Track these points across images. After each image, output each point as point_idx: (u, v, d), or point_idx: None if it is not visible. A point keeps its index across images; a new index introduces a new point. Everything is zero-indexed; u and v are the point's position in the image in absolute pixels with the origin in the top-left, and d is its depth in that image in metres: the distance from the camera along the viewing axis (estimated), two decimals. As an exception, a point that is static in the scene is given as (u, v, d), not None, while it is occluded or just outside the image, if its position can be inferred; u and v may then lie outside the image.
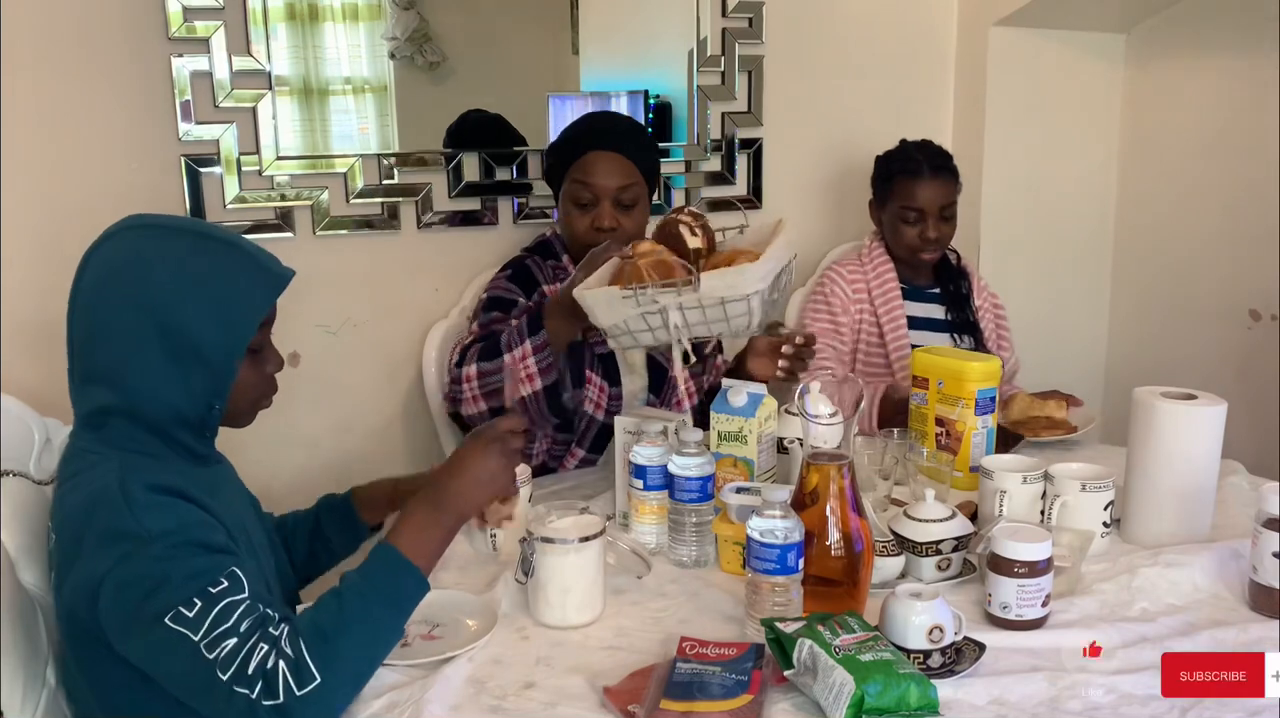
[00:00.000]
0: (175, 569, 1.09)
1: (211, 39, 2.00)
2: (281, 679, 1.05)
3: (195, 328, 1.18)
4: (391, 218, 2.21)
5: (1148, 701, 1.13)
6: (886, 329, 2.21)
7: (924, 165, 2.18)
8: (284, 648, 1.06)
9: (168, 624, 1.07)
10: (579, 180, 1.91)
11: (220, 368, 1.21)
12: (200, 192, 2.04)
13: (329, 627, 1.10)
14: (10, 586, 1.29)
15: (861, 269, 2.26)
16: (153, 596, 1.08)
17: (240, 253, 1.24)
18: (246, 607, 1.09)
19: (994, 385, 1.73)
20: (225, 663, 1.05)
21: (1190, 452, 1.50)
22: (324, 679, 1.06)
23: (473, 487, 1.24)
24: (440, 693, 1.15)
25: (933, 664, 1.17)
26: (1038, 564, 1.27)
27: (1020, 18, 2.57)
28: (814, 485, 1.28)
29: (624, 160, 1.92)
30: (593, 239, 1.90)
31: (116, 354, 1.18)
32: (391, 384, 2.26)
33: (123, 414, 1.19)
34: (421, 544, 1.19)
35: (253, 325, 1.23)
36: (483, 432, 1.28)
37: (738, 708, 1.09)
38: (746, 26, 2.46)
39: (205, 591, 1.08)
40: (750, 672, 1.15)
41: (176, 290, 1.18)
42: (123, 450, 1.19)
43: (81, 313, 1.21)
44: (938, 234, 2.19)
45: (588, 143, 1.93)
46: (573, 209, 1.94)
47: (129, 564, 1.10)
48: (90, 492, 1.15)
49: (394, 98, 2.22)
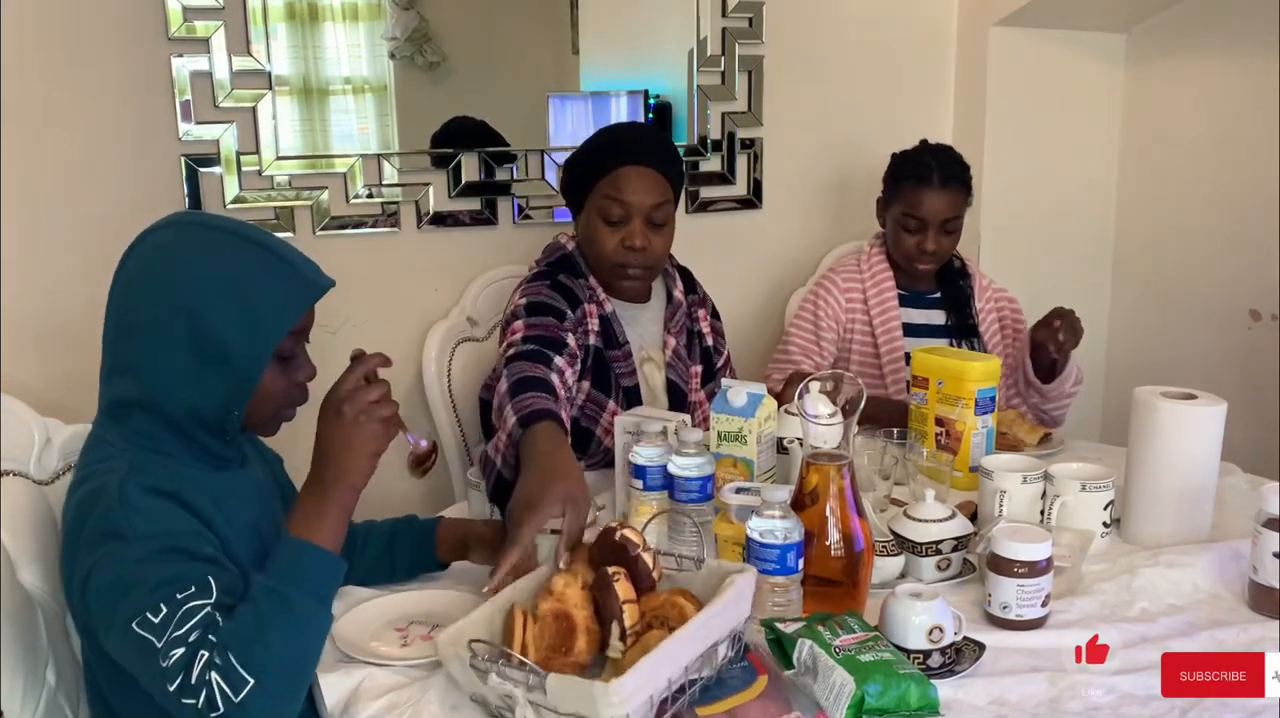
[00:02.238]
0: (150, 573, 1.08)
1: (211, 39, 2.00)
2: (218, 689, 1.03)
3: (222, 330, 1.17)
4: (391, 218, 2.21)
5: (1148, 701, 1.14)
6: (880, 337, 2.17)
7: (935, 174, 2.11)
8: (215, 658, 1.05)
9: (134, 628, 1.06)
10: (611, 196, 1.80)
11: (244, 372, 1.20)
12: (200, 192, 2.04)
13: (250, 628, 1.07)
14: (10, 586, 1.29)
15: (859, 275, 2.22)
16: (125, 598, 1.08)
17: (277, 258, 1.22)
18: (203, 615, 1.07)
19: (994, 385, 1.73)
20: (173, 674, 1.04)
21: (1190, 452, 1.50)
22: (257, 679, 1.04)
23: (346, 454, 1.18)
24: (440, 693, 1.15)
25: (933, 664, 1.17)
26: (1038, 564, 1.27)
27: (1020, 18, 2.57)
28: (814, 485, 1.28)
29: (658, 177, 1.83)
30: (621, 258, 1.82)
31: (143, 348, 1.19)
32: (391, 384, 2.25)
33: (144, 408, 1.20)
34: (319, 526, 1.15)
35: (281, 331, 1.21)
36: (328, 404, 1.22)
37: (765, 690, 1.10)
38: (746, 26, 2.46)
39: (173, 597, 1.07)
40: (746, 657, 1.16)
41: (207, 290, 1.17)
42: (138, 446, 1.19)
43: (116, 304, 1.22)
44: (936, 248, 2.13)
45: (621, 157, 1.82)
46: (601, 226, 1.82)
47: (110, 564, 1.10)
48: (94, 486, 1.16)
49: (394, 98, 2.22)
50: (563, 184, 1.95)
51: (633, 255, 1.82)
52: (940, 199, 2.11)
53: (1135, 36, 2.73)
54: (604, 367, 1.84)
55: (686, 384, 1.94)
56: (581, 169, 1.87)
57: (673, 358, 1.93)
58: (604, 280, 1.87)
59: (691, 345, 1.97)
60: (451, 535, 1.47)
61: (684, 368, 1.94)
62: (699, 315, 2.00)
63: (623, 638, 1.12)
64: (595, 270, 1.87)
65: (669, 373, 1.92)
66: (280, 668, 1.07)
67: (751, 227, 2.59)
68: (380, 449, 1.20)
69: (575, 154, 1.92)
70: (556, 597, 1.14)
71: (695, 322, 1.99)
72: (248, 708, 1.03)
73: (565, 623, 1.12)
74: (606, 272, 1.85)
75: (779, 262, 2.62)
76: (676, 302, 1.95)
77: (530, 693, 1.03)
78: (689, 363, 1.96)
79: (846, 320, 2.20)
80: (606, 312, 1.85)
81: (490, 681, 1.05)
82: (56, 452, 1.42)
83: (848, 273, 2.23)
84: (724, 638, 1.13)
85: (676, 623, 1.10)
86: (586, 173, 1.85)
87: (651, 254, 1.84)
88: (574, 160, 1.91)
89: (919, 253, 2.14)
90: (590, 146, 1.89)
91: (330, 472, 1.18)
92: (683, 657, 1.07)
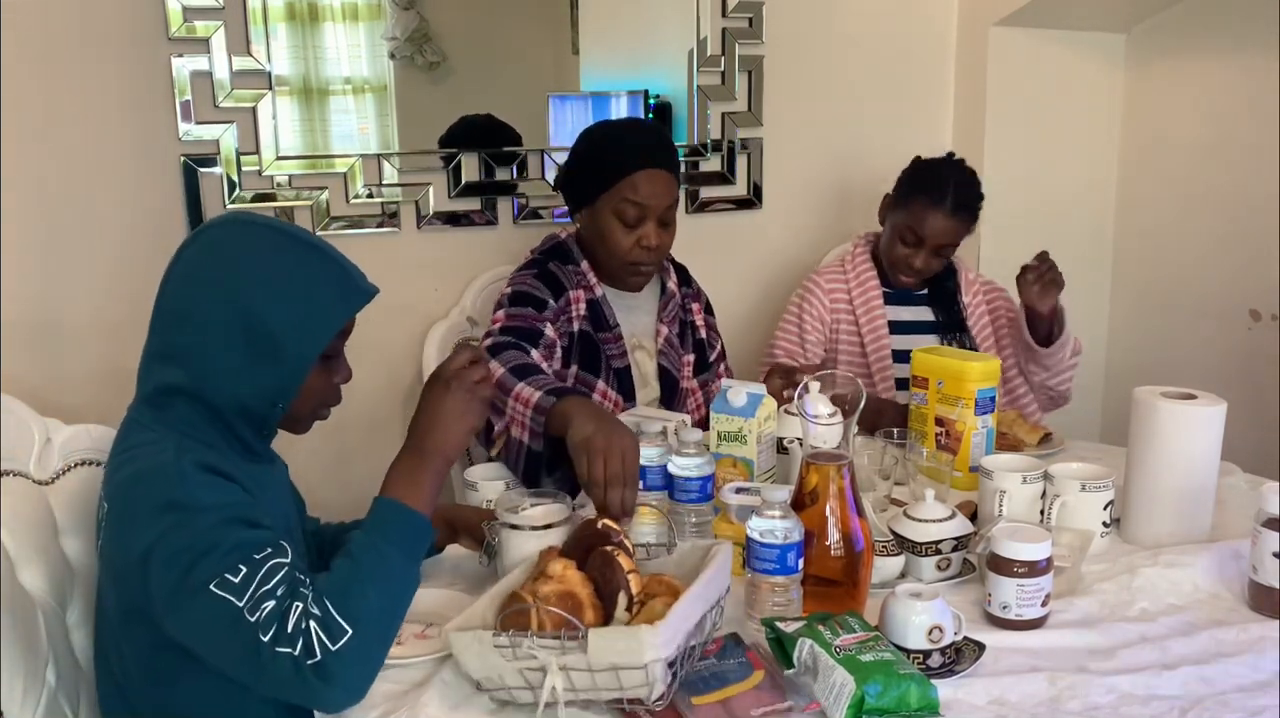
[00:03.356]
0: (224, 538, 1.12)
1: (211, 39, 2.00)
2: (315, 637, 1.07)
3: (277, 326, 1.21)
4: (391, 218, 2.21)
5: (1148, 701, 1.13)
6: (866, 336, 2.17)
7: (948, 198, 2.08)
8: (311, 608, 1.09)
9: (212, 591, 1.09)
10: (630, 199, 1.82)
11: (293, 368, 1.24)
12: (200, 191, 2.04)
13: (348, 580, 1.13)
14: (10, 585, 1.29)
15: (844, 275, 2.21)
16: (199, 563, 1.10)
17: (332, 262, 1.28)
18: (285, 573, 1.11)
19: (994, 385, 1.73)
20: (266, 625, 1.08)
21: (1190, 452, 1.50)
22: (355, 631, 1.09)
23: (448, 425, 1.25)
24: (438, 693, 1.15)
25: (933, 664, 1.17)
26: (1037, 564, 1.27)
27: (1020, 18, 2.57)
28: (814, 485, 1.28)
29: (670, 177, 1.87)
30: (638, 257, 1.86)
31: (196, 337, 1.22)
32: (391, 384, 2.26)
33: (188, 396, 1.22)
34: (415, 490, 1.21)
35: (331, 332, 1.26)
36: (439, 375, 1.29)
37: (760, 682, 1.12)
38: (746, 26, 2.46)
39: (250, 558, 1.11)
40: (745, 654, 1.18)
41: (266, 287, 1.22)
42: (179, 432, 1.22)
43: (172, 293, 1.25)
44: (924, 267, 2.13)
45: (638, 160, 1.83)
46: (617, 226, 1.84)
47: (179, 533, 1.13)
48: (145, 465, 1.18)
49: (394, 98, 2.22)
50: (567, 182, 1.95)
51: (647, 253, 1.86)
52: (946, 224, 2.10)
53: (1135, 37, 2.73)
54: (593, 350, 1.88)
55: (679, 372, 1.97)
56: (594, 169, 1.87)
57: (664, 346, 1.97)
58: (614, 275, 1.91)
59: (684, 335, 2.01)
60: (441, 521, 1.51)
61: (676, 356, 1.98)
62: (693, 308, 2.04)
63: (629, 608, 1.16)
64: (606, 266, 1.90)
65: (660, 359, 1.96)
66: (374, 620, 1.11)
67: (751, 227, 2.59)
68: (477, 425, 1.28)
69: (584, 154, 1.91)
70: (558, 579, 1.16)
71: (689, 313, 2.03)
72: (343, 657, 1.08)
73: (571, 602, 1.14)
74: (619, 268, 1.89)
75: (778, 262, 2.62)
76: (670, 292, 2.00)
77: (565, 657, 1.06)
78: (681, 352, 1.99)
79: (831, 321, 2.20)
80: (596, 295, 1.90)
81: (520, 654, 1.08)
82: (56, 452, 1.42)
83: (832, 274, 2.23)
84: (713, 606, 1.19)
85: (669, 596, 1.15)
86: (601, 173, 1.85)
87: (662, 250, 1.89)
88: (582, 159, 1.90)
89: (905, 267, 2.14)
90: (603, 148, 1.88)
91: (430, 441, 1.24)
92: (698, 610, 1.14)
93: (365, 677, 1.12)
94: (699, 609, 1.14)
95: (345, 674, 1.09)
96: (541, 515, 1.34)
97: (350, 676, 1.10)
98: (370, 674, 1.13)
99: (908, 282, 2.18)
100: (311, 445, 2.17)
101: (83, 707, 1.37)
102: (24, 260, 1.93)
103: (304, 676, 1.07)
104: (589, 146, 1.90)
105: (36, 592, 1.33)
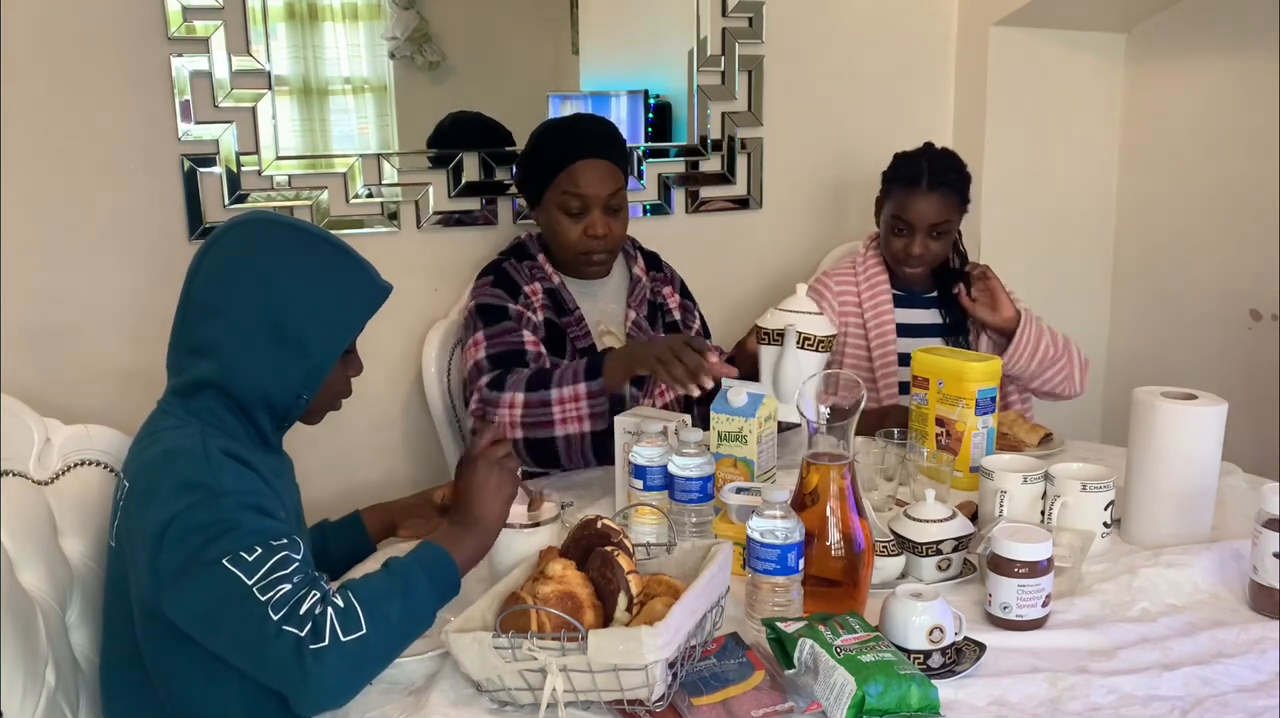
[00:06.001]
0: (245, 521, 1.16)
1: (211, 39, 2.00)
2: (329, 625, 1.09)
3: (305, 322, 1.27)
4: (391, 218, 2.21)
5: (1148, 701, 1.14)
6: (873, 339, 2.16)
7: (923, 178, 2.08)
8: (334, 599, 1.12)
9: (224, 565, 1.12)
10: (569, 191, 1.91)
11: (318, 363, 1.30)
12: (200, 191, 2.04)
13: (381, 588, 1.16)
14: (10, 585, 1.28)
15: (854, 276, 2.21)
16: (217, 540, 1.13)
17: (355, 262, 1.34)
18: (299, 564, 1.15)
19: (994, 386, 1.73)
20: (278, 604, 1.10)
21: (1190, 452, 1.50)
22: (369, 632, 1.11)
23: (485, 499, 1.30)
24: (440, 691, 1.15)
25: (933, 665, 1.17)
26: (1038, 564, 1.27)
27: (1020, 18, 2.57)
28: (814, 486, 1.28)
29: (611, 166, 1.94)
30: (586, 246, 1.93)
31: (225, 330, 1.26)
32: (391, 384, 2.26)
33: (215, 387, 1.27)
34: (456, 547, 1.25)
35: (355, 329, 1.33)
36: (468, 456, 1.35)
37: (760, 683, 1.13)
38: (746, 26, 2.46)
39: (268, 543, 1.14)
40: (745, 654, 1.18)
41: (295, 285, 1.27)
42: (203, 420, 1.26)
43: (200, 287, 1.29)
44: (922, 252, 2.10)
45: (575, 152, 1.92)
46: (563, 218, 1.93)
47: (199, 511, 1.16)
48: (171, 446, 1.22)
49: (394, 98, 2.21)
50: (518, 181, 2.06)
51: (596, 242, 1.93)
52: (927, 203, 2.08)
53: (1135, 36, 2.73)
54: (558, 335, 1.94)
55: None
56: (535, 166, 1.97)
57: (633, 329, 2.02)
58: (570, 266, 1.98)
59: (654, 317, 2.07)
60: (376, 519, 1.57)
61: (645, 338, 2.01)
62: (664, 291, 2.10)
63: (630, 608, 1.17)
64: (560, 258, 1.98)
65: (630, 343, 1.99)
66: (389, 632, 1.13)
67: (751, 227, 2.58)
68: (512, 495, 1.33)
69: (526, 151, 2.03)
70: (557, 579, 1.17)
71: (660, 296, 2.09)
72: (347, 651, 1.10)
73: (571, 602, 1.15)
74: (572, 259, 1.97)
75: (778, 262, 2.61)
76: (636, 277, 2.06)
77: (565, 658, 1.07)
78: (651, 333, 2.04)
79: (840, 323, 2.20)
80: (554, 284, 1.97)
81: (520, 655, 1.08)
82: (56, 452, 1.42)
83: (842, 275, 2.23)
84: (713, 606, 1.19)
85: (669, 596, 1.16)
86: (541, 170, 1.95)
87: (613, 238, 1.96)
88: (526, 158, 2.01)
89: (905, 256, 2.12)
90: (541, 144, 1.99)
91: (471, 514, 1.30)
92: (699, 609, 1.15)
93: (355, 682, 1.13)
94: (699, 610, 1.15)
95: (340, 669, 1.10)
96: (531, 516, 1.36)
97: (344, 672, 1.10)
98: (358, 684, 1.14)
99: (914, 274, 2.16)
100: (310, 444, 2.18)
101: (83, 707, 1.37)
102: (24, 260, 1.93)
103: (302, 658, 1.08)
104: (532, 145, 2.01)
105: (36, 592, 1.33)
